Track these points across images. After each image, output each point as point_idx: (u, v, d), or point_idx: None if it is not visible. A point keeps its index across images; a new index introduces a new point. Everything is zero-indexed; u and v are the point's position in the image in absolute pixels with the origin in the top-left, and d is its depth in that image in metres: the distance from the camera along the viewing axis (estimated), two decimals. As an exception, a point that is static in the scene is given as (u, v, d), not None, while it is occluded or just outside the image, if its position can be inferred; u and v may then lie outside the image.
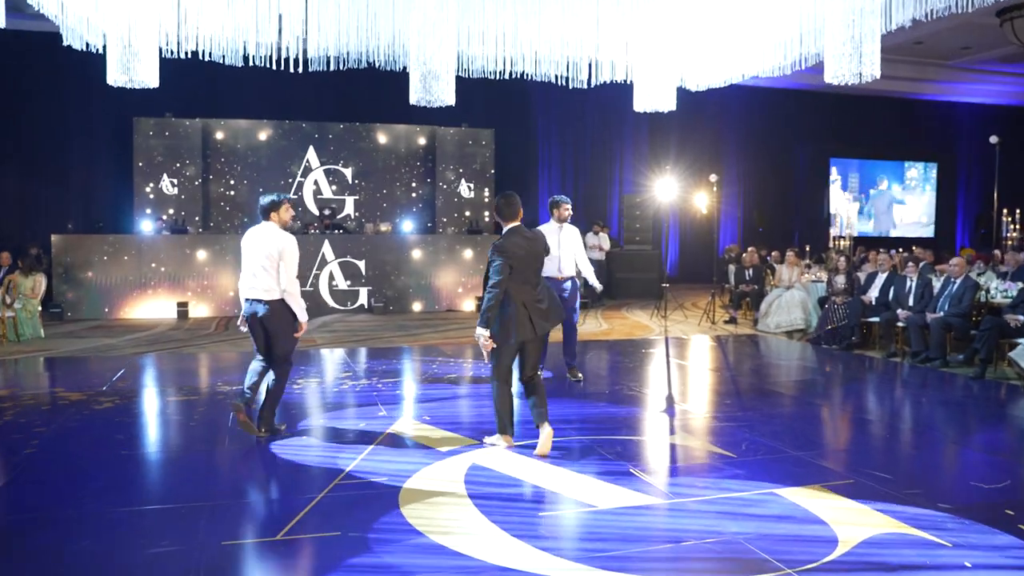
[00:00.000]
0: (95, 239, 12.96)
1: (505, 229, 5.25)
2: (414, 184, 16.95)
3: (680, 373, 8.52)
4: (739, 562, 3.56)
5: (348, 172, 16.51)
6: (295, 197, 15.93)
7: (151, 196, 15.28)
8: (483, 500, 4.32)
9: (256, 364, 5.59)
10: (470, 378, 8.12)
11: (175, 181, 15.40)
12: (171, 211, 15.15)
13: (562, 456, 5.18)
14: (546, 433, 5.17)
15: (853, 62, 6.75)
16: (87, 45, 7.44)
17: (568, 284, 7.69)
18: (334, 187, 16.45)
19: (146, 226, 14.37)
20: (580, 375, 7.92)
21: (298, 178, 16.33)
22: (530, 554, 3.63)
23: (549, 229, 7.57)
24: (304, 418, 6.22)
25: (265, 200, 5.59)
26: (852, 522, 4.03)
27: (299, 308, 5.54)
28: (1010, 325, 8.41)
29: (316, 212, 15.63)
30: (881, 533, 3.90)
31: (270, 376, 5.62)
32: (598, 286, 8.23)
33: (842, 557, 3.61)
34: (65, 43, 7.17)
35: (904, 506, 4.28)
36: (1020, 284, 9.19)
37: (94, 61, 8.13)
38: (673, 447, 5.59)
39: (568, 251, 7.65)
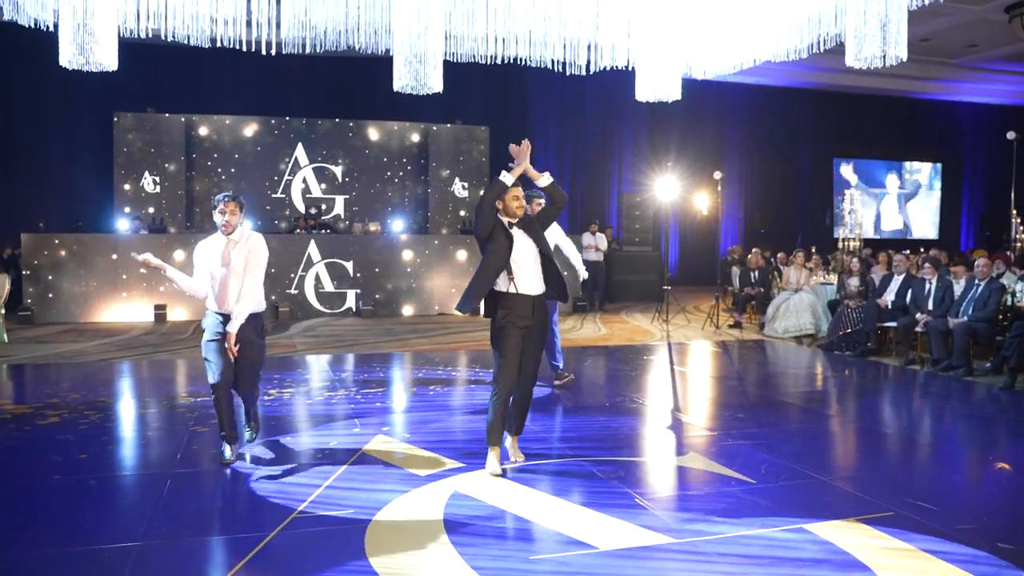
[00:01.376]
0: (68, 238, 12.30)
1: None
2: (407, 183, 16.37)
3: (685, 383, 7.90)
4: (772, 624, 2.93)
5: (338, 170, 15.94)
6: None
7: (132, 194, 14.71)
8: (466, 541, 3.67)
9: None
10: (459, 389, 7.49)
11: (157, 179, 14.81)
12: (151, 209, 14.57)
13: (558, 481, 4.56)
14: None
15: (877, 42, 6.14)
16: (35, 23, 6.80)
17: None
18: (323, 185, 15.89)
19: (123, 225, 13.76)
20: (568, 375, 7.41)
21: (286, 176, 15.75)
22: (518, 611, 3.01)
23: None
24: (268, 436, 5.56)
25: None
26: (901, 568, 3.40)
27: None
28: (1040, 331, 7.81)
29: (304, 211, 15.05)
30: (937, 583, 3.28)
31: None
32: (583, 273, 7.70)
33: (896, 617, 2.99)
34: (7, 17, 6.53)
35: (957, 545, 3.65)
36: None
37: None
38: (682, 471, 4.95)
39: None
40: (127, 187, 14.71)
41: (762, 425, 6.02)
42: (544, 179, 4.76)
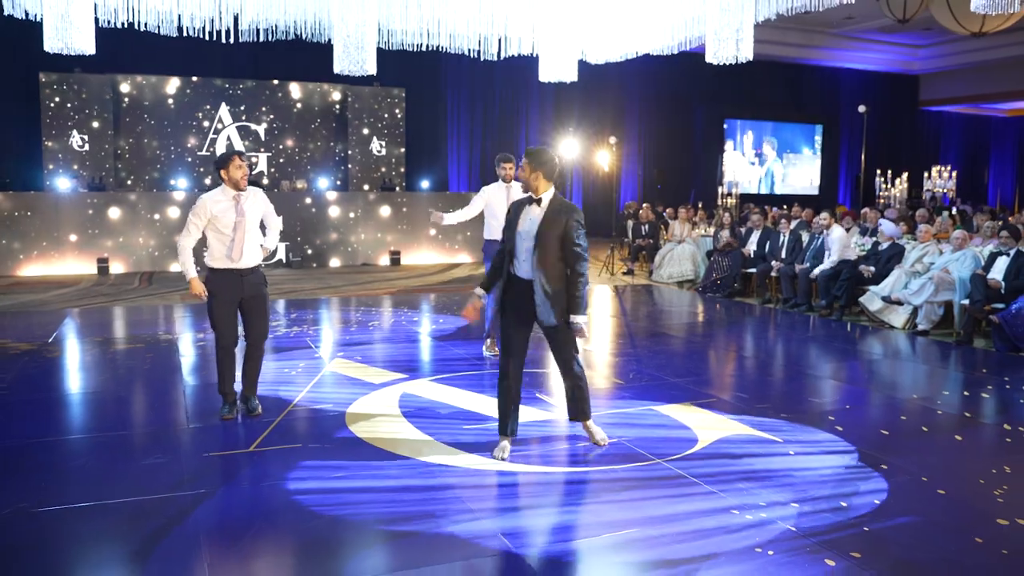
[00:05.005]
0: (7, 196, 12.98)
1: (555, 192, 4.54)
2: (328, 142, 17.34)
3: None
4: (622, 456, 4.56)
5: (261, 129, 16.77)
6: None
7: (60, 152, 15.24)
8: (417, 419, 5.22)
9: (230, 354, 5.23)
10: (391, 324, 8.92)
11: (85, 137, 15.40)
12: (75, 167, 15.13)
13: (480, 386, 6.09)
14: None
15: (730, 45, 7.75)
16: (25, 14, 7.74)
17: None
18: (247, 143, 16.69)
19: (63, 183, 14.44)
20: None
21: (210, 135, 16.51)
22: (459, 456, 4.54)
23: (497, 188, 7.20)
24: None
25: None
26: (710, 427, 5.11)
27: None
28: (864, 275, 9.72)
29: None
30: (732, 434, 4.98)
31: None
32: None
33: (700, 450, 4.67)
34: (6, 13, 7.49)
35: (753, 416, 5.38)
36: (873, 239, 10.54)
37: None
38: (573, 378, 6.57)
39: None
40: (53, 144, 15.22)
41: (638, 348, 7.71)
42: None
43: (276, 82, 16.88)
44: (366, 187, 16.78)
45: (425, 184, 17.13)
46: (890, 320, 9.10)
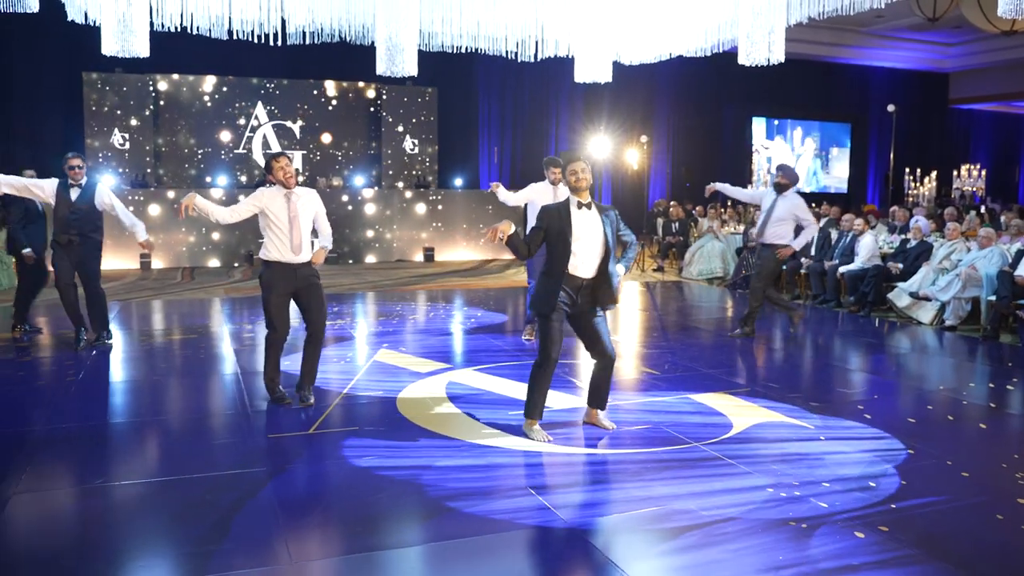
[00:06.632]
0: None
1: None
2: (362, 140, 17.65)
3: (614, 314, 9.77)
4: (659, 439, 4.82)
5: (296, 127, 17.11)
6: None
7: (101, 151, 15.63)
8: (464, 404, 5.51)
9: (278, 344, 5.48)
10: (430, 317, 9.22)
11: (125, 136, 15.81)
12: (116, 164, 15.54)
13: (521, 375, 6.34)
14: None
15: (762, 48, 7.95)
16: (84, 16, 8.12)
17: None
18: (283, 141, 17.03)
19: (109, 180, 14.83)
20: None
21: (247, 133, 16.87)
22: (503, 438, 4.82)
23: (544, 188, 7.51)
24: (297, 352, 7.22)
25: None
26: (744, 414, 5.35)
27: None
28: (892, 272, 9.88)
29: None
30: (765, 421, 5.22)
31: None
32: None
33: (734, 435, 4.91)
34: (69, 19, 7.86)
35: (785, 404, 5.62)
36: (902, 237, 10.69)
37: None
38: (609, 369, 6.82)
39: None
40: (95, 143, 15.60)
41: (671, 341, 7.95)
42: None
43: (311, 81, 17.19)
44: (400, 185, 17.08)
45: (458, 182, 17.43)
46: (918, 316, 9.26)
